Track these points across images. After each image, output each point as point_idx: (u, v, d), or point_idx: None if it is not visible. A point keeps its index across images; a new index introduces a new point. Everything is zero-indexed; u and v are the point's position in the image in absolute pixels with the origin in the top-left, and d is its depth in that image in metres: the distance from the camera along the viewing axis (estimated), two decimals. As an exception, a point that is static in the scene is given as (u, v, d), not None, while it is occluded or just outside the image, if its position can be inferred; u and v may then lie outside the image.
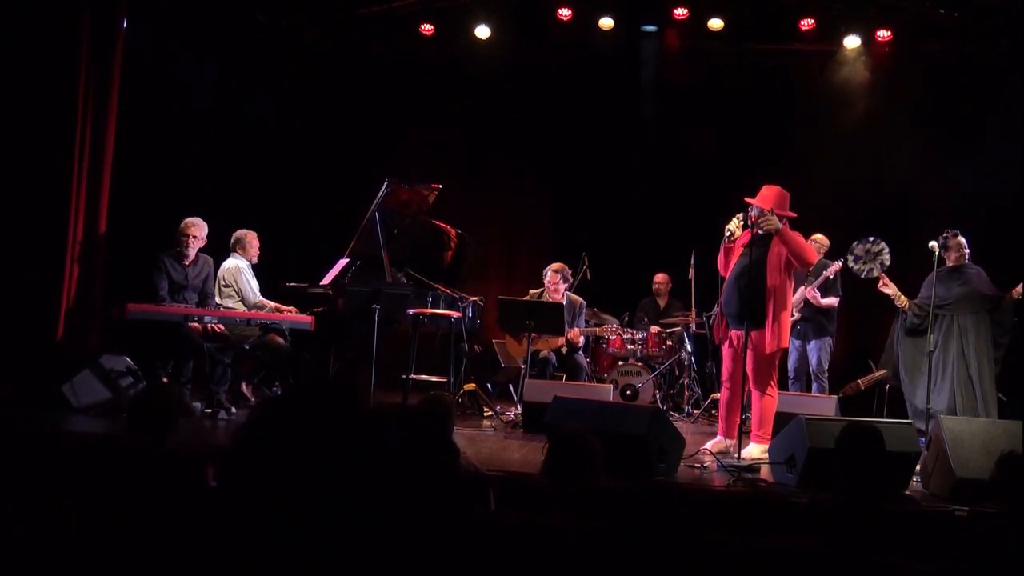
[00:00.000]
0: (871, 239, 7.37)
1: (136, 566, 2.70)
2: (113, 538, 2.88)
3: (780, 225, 6.11)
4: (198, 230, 7.15)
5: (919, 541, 3.47)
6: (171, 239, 7.16)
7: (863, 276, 7.39)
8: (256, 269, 7.50)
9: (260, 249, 7.54)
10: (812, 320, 8.11)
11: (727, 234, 6.31)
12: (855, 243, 7.45)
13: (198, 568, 2.35)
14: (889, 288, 7.19)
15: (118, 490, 3.01)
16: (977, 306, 7.01)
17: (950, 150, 8.84)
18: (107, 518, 2.92)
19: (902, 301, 7.16)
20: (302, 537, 1.21)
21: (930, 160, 8.86)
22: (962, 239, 7.13)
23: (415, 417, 3.67)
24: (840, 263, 7.91)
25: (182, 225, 7.14)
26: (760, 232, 6.15)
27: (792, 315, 7.83)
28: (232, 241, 7.47)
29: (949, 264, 7.12)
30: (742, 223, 6.25)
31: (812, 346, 8.15)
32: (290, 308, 7.40)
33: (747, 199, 6.30)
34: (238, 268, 7.35)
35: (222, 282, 7.34)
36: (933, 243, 6.76)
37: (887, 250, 7.30)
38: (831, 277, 7.95)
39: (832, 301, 8.04)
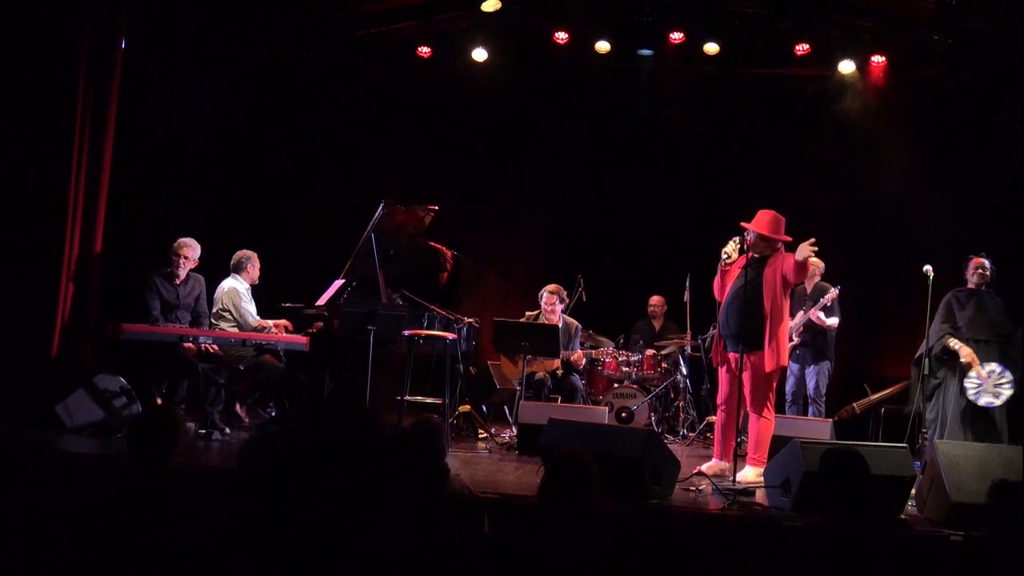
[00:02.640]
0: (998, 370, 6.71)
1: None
2: (105, 557, 2.86)
3: (810, 256, 6.09)
4: (190, 251, 7.14)
5: (914, 565, 3.47)
6: (166, 259, 7.16)
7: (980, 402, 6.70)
8: (252, 289, 7.48)
9: (256, 269, 7.54)
10: (812, 345, 8.11)
11: (724, 257, 6.34)
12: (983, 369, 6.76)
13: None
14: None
15: (113, 510, 2.99)
16: (985, 334, 6.77)
17: (945, 175, 8.88)
18: (101, 538, 2.91)
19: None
20: (302, 557, 1.20)
21: (924, 185, 8.91)
22: (981, 260, 6.94)
23: (404, 441, 3.66)
24: (837, 290, 7.93)
25: (175, 245, 7.13)
26: (756, 256, 6.21)
27: (792, 339, 7.84)
28: (233, 262, 7.43)
29: (970, 286, 6.98)
30: (738, 247, 6.30)
31: (811, 371, 8.15)
32: (285, 323, 7.38)
33: (743, 223, 6.34)
34: (236, 292, 7.32)
35: (220, 305, 7.31)
36: (927, 267, 6.76)
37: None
38: (828, 305, 7.96)
39: (834, 322, 8.05)
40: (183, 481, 3.63)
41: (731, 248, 6.32)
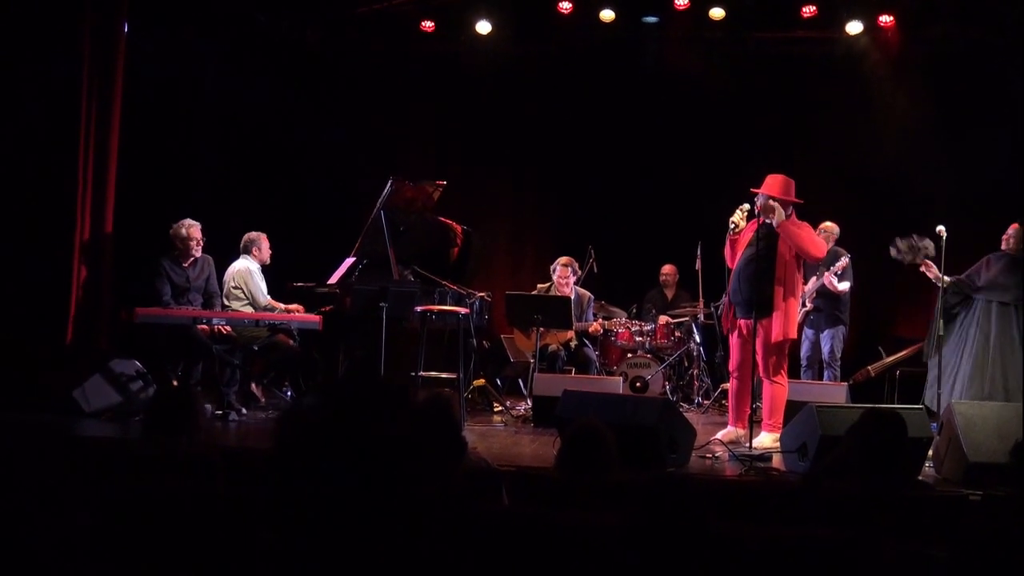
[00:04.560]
0: (914, 236, 7.15)
1: (148, 570, 2.70)
2: (125, 542, 2.88)
3: (783, 218, 6.11)
4: (196, 230, 7.13)
5: (932, 526, 3.46)
6: (172, 243, 7.15)
7: (906, 263, 7.20)
8: (263, 269, 7.49)
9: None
10: (825, 310, 8.10)
11: (731, 226, 6.33)
12: (896, 238, 7.24)
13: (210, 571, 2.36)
14: (931, 272, 6.99)
15: (132, 494, 3.01)
16: (1004, 295, 6.82)
17: (956, 134, 8.79)
18: (120, 522, 2.92)
19: (943, 281, 6.92)
20: (327, 536, 1.20)
21: (936, 145, 8.82)
22: (1016, 226, 6.98)
23: (418, 415, 3.65)
24: (848, 258, 7.90)
25: (182, 230, 7.06)
26: (768, 220, 6.18)
27: (804, 305, 7.82)
28: (243, 243, 7.43)
29: (1005, 249, 7.02)
30: (745, 215, 6.28)
31: (825, 335, 8.14)
32: (297, 307, 7.40)
33: (753, 189, 6.31)
34: (248, 271, 7.33)
35: (232, 284, 7.31)
36: (940, 227, 6.72)
37: (931, 245, 7.06)
38: (839, 273, 7.92)
39: (845, 287, 8.03)
40: (203, 462, 3.63)
41: (738, 217, 6.30)
